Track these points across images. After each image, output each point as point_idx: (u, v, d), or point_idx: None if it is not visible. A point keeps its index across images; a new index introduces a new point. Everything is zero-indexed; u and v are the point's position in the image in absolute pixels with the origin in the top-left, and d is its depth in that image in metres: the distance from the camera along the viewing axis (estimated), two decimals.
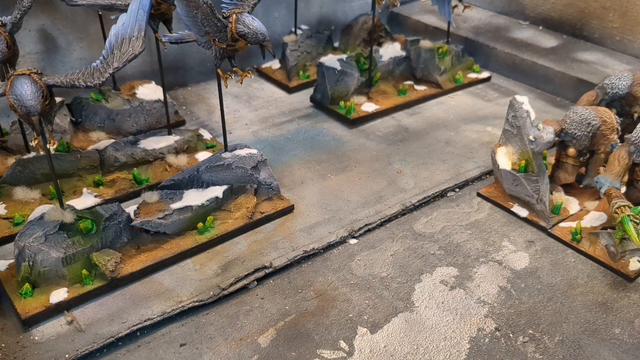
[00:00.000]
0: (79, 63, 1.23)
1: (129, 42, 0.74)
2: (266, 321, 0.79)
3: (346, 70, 1.28)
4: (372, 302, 0.81)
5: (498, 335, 0.77)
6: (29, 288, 0.78)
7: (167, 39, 0.93)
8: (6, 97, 0.72)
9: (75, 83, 0.74)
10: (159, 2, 0.93)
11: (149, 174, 1.04)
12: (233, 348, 0.75)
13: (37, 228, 0.80)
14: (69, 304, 0.79)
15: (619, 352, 0.74)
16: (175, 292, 0.82)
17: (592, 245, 0.90)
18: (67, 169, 0.99)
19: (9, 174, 0.97)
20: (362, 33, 1.49)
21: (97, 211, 0.85)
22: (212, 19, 0.81)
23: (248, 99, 1.35)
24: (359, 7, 1.62)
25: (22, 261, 0.79)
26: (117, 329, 0.76)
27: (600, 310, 0.81)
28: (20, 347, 0.74)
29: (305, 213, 0.98)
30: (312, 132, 1.21)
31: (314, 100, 1.32)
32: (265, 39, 0.84)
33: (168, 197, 0.92)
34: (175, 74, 1.37)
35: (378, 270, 0.87)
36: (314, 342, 0.75)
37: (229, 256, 0.89)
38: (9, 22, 0.88)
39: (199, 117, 1.27)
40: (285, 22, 1.50)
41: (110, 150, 1.03)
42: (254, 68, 1.46)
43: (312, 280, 0.85)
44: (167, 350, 0.74)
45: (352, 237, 0.94)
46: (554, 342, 0.76)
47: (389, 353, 0.74)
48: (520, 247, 0.92)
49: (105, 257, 0.82)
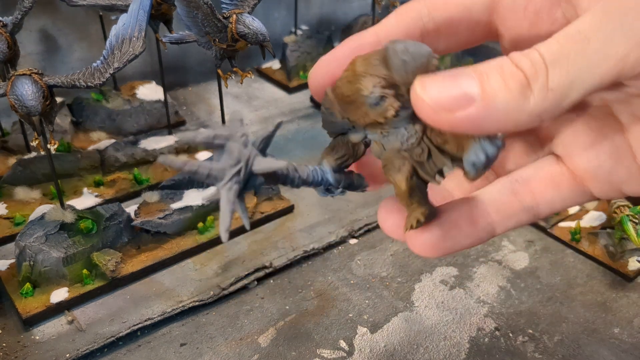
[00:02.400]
0: (79, 63, 1.23)
1: (129, 43, 0.74)
2: (266, 321, 0.79)
3: None
4: (372, 302, 0.82)
5: (498, 335, 0.77)
6: (29, 288, 0.78)
7: (167, 40, 0.93)
8: (7, 97, 0.72)
9: (76, 83, 0.74)
10: (159, 3, 0.93)
11: (150, 174, 1.04)
12: (233, 347, 0.75)
13: (38, 228, 0.80)
14: (70, 303, 0.79)
15: (618, 351, 0.75)
16: (176, 292, 0.83)
17: (592, 245, 0.90)
18: (68, 169, 0.99)
19: (9, 174, 0.97)
20: None
21: (97, 211, 0.85)
22: (213, 19, 0.82)
23: (248, 99, 1.35)
24: (359, 8, 1.62)
25: (23, 261, 0.79)
26: (118, 329, 0.76)
27: (599, 309, 0.81)
28: (21, 346, 0.74)
29: (305, 213, 0.99)
30: (312, 133, 1.22)
31: (314, 101, 1.32)
32: (265, 39, 0.85)
33: (168, 197, 0.92)
34: (176, 74, 1.37)
35: (378, 270, 0.87)
36: (314, 341, 0.76)
37: (229, 256, 0.89)
38: (10, 22, 0.88)
39: (200, 117, 1.27)
40: (285, 22, 1.50)
41: (110, 151, 1.03)
42: (254, 69, 1.46)
43: (312, 280, 0.86)
44: (168, 349, 0.74)
45: (352, 237, 0.94)
46: (554, 342, 0.76)
47: (388, 352, 0.74)
48: (519, 247, 0.92)
49: (105, 257, 0.82)
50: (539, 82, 0.25)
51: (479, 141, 0.29)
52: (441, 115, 0.26)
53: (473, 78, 0.25)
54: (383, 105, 0.29)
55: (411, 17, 0.33)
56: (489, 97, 0.25)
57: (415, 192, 0.32)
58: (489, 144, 0.28)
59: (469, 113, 0.25)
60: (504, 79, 0.25)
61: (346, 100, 0.31)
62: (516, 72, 0.25)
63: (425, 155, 0.31)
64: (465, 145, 0.29)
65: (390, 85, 0.29)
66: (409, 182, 0.32)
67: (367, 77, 0.29)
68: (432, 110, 0.26)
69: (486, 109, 0.25)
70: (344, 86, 0.30)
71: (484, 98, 0.25)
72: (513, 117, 0.25)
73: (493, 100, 0.25)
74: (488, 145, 0.28)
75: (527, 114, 0.25)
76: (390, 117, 0.30)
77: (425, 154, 0.31)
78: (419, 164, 0.32)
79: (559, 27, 0.27)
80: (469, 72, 0.26)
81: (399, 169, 0.32)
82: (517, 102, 0.25)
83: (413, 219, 0.32)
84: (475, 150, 0.28)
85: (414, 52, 0.27)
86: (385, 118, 0.30)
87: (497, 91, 0.25)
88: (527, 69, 0.25)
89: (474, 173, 0.29)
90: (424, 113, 0.26)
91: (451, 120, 0.26)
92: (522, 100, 0.25)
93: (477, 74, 0.25)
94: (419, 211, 0.32)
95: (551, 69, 0.25)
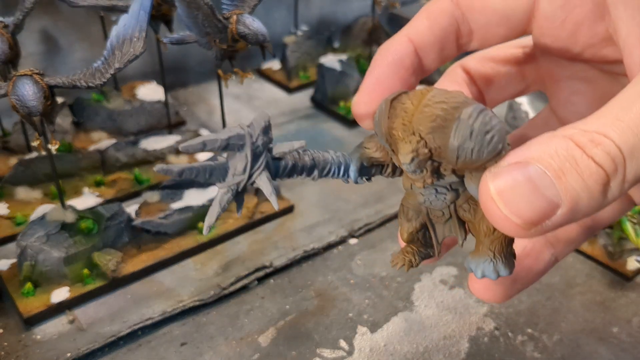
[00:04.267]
0: (80, 64, 1.23)
1: (130, 43, 0.74)
2: (266, 320, 0.79)
3: (346, 71, 1.28)
4: (372, 302, 0.82)
5: (497, 334, 0.77)
6: (30, 287, 0.79)
7: (168, 40, 0.93)
8: (8, 97, 0.72)
9: (77, 84, 0.74)
10: (160, 3, 0.94)
11: (150, 174, 1.04)
12: (233, 347, 0.75)
13: (39, 228, 0.81)
14: (71, 303, 0.79)
15: (617, 350, 0.75)
16: (176, 292, 0.83)
17: (591, 245, 0.90)
18: (69, 169, 0.99)
19: (11, 174, 0.97)
20: (362, 34, 1.50)
21: (98, 211, 0.85)
22: (213, 19, 0.82)
23: (248, 99, 1.35)
24: (358, 8, 1.62)
25: (24, 261, 0.79)
26: (119, 328, 0.76)
27: (598, 309, 0.81)
28: (23, 345, 0.74)
29: (305, 213, 0.99)
30: (312, 133, 1.22)
31: (314, 101, 1.33)
32: (265, 40, 0.85)
33: (169, 197, 0.92)
34: (176, 74, 1.37)
35: (378, 270, 0.88)
36: (314, 341, 0.76)
37: (230, 256, 0.89)
38: (11, 23, 0.89)
39: (200, 118, 1.27)
40: (285, 23, 1.51)
41: (111, 151, 1.03)
42: (254, 69, 1.47)
43: (312, 280, 0.86)
44: (168, 349, 0.75)
45: (352, 236, 0.94)
46: (553, 341, 0.76)
47: (388, 352, 0.74)
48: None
49: (106, 257, 0.83)
50: (618, 178, 0.23)
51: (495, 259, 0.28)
52: (530, 231, 0.24)
53: (550, 178, 0.23)
54: (417, 175, 0.27)
55: (446, 21, 0.32)
56: (573, 202, 0.23)
57: (417, 242, 0.32)
58: (504, 267, 0.28)
59: (555, 222, 0.23)
60: (582, 177, 0.23)
61: (392, 135, 0.28)
62: (595, 169, 0.23)
63: (443, 220, 0.30)
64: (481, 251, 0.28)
65: (437, 156, 0.26)
66: (412, 235, 0.32)
67: (413, 140, 0.26)
68: (520, 229, 0.24)
69: (571, 214, 0.23)
70: (396, 121, 0.27)
71: (567, 204, 0.23)
72: (590, 213, 0.24)
73: (577, 205, 0.23)
74: (502, 268, 0.28)
75: (602, 207, 0.24)
76: (418, 186, 0.29)
77: (444, 219, 0.30)
78: (432, 223, 0.31)
79: (599, 41, 0.26)
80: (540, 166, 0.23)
81: (409, 220, 0.32)
82: (598, 201, 0.23)
83: (407, 260, 0.32)
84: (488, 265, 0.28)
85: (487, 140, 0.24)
86: (416, 185, 0.29)
87: (579, 194, 0.23)
88: (607, 166, 0.23)
89: (479, 276, 0.29)
90: (507, 229, 0.24)
91: (539, 232, 0.24)
92: (602, 199, 0.23)
93: (552, 171, 0.23)
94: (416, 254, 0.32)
95: (629, 162, 0.23)
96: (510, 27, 0.32)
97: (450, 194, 0.28)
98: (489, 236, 0.28)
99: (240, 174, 0.28)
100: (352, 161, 0.32)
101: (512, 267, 0.28)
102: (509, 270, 0.28)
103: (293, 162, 0.30)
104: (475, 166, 0.25)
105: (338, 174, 0.32)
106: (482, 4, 0.31)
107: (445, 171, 0.27)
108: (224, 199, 0.29)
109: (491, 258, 0.28)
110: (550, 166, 0.23)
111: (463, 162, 0.25)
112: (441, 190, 0.29)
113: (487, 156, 0.24)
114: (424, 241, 0.32)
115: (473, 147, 0.24)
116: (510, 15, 0.31)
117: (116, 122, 1.15)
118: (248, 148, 0.28)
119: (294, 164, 0.30)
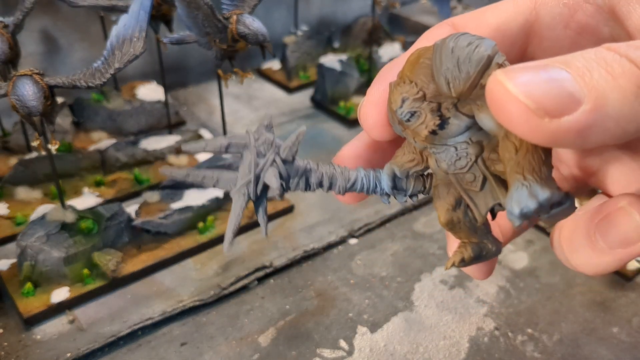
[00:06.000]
0: (80, 64, 1.23)
1: (130, 43, 0.75)
2: (266, 320, 0.79)
3: (346, 71, 1.28)
4: (372, 302, 0.82)
5: (497, 334, 0.77)
6: (30, 287, 0.79)
7: (168, 40, 0.93)
8: (8, 97, 0.72)
9: (77, 84, 0.74)
10: (160, 3, 0.94)
11: (150, 174, 1.04)
12: (233, 347, 0.75)
13: (39, 228, 0.81)
14: (71, 303, 0.79)
15: (617, 350, 0.75)
16: (176, 292, 0.83)
17: None
18: (69, 169, 0.99)
19: (11, 174, 0.97)
20: (362, 34, 1.50)
21: (98, 211, 0.85)
22: (213, 19, 0.82)
23: (248, 99, 1.35)
24: (358, 9, 1.62)
25: (24, 261, 0.79)
26: (119, 328, 0.76)
27: (598, 309, 0.81)
28: (23, 345, 0.74)
29: (305, 213, 0.99)
30: (312, 133, 1.22)
31: (314, 101, 1.33)
32: (265, 40, 0.85)
33: (169, 197, 0.92)
34: (176, 74, 1.37)
35: (378, 270, 0.88)
36: (314, 341, 0.76)
37: (230, 256, 0.89)
38: (11, 23, 0.89)
39: (200, 118, 1.27)
40: (285, 23, 1.51)
41: (111, 151, 1.04)
42: (254, 69, 1.47)
43: (312, 280, 0.86)
44: (168, 349, 0.75)
45: (352, 237, 0.94)
46: (553, 341, 0.76)
47: (388, 352, 0.74)
48: (519, 247, 0.92)
49: (106, 257, 0.83)
50: None
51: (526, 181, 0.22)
52: (544, 121, 0.19)
53: (572, 77, 0.20)
54: (416, 123, 0.25)
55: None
56: (598, 100, 0.19)
57: (462, 225, 0.27)
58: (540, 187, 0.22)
59: (578, 120, 0.19)
60: (612, 75, 0.19)
61: (390, 109, 0.26)
62: (629, 67, 0.19)
63: (478, 184, 0.25)
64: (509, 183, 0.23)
65: (432, 96, 0.24)
66: (450, 214, 0.27)
67: (400, 85, 0.25)
68: (531, 113, 0.19)
69: (596, 114, 0.19)
70: (393, 96, 0.25)
71: (591, 100, 0.19)
72: (623, 126, 0.20)
73: (603, 103, 0.19)
74: (539, 189, 0.22)
75: (637, 116, 0.20)
76: (424, 137, 0.25)
77: (479, 183, 0.25)
78: (468, 193, 0.26)
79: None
80: (559, 66, 0.20)
81: (441, 196, 0.27)
82: (632, 106, 0.19)
83: (457, 256, 0.27)
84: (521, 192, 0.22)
85: (470, 51, 0.22)
86: (422, 137, 0.25)
87: (606, 92, 0.19)
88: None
89: (516, 213, 0.22)
90: (515, 117, 0.20)
91: (555, 128, 0.19)
92: (637, 104, 0.19)
93: (574, 69, 0.20)
94: (467, 249, 0.27)
95: None
96: (507, 44, 0.30)
97: (472, 147, 0.25)
98: (513, 159, 0.22)
99: (247, 174, 0.27)
100: (383, 172, 0.29)
101: (554, 188, 0.22)
102: (549, 191, 0.22)
103: (309, 167, 0.28)
104: (471, 89, 0.23)
105: (369, 186, 0.29)
106: (477, 23, 0.29)
107: (447, 111, 0.24)
108: (236, 207, 0.27)
109: (522, 181, 0.22)
110: (568, 64, 0.20)
111: (455, 85, 0.23)
112: (461, 148, 0.25)
113: (476, 67, 0.22)
114: (469, 224, 0.27)
115: (458, 61, 0.22)
116: (505, 30, 0.29)
117: (116, 122, 1.15)
118: (252, 147, 0.28)
119: (310, 168, 0.28)
